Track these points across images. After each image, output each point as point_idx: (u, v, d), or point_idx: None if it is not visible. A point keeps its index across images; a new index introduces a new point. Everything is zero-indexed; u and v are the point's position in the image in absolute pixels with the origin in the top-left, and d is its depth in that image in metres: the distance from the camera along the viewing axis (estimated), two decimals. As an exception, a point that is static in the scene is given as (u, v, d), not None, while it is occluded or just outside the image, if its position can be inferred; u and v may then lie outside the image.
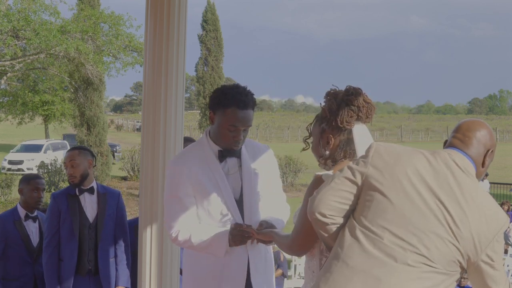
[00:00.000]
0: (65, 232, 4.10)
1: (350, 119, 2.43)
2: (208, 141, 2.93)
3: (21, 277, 4.32)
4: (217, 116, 2.86)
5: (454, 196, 2.09)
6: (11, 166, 24.66)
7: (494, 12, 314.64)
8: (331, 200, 2.14)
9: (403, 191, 2.09)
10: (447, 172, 2.13)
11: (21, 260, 4.32)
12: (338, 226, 2.16)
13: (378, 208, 2.09)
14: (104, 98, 25.14)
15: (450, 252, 2.05)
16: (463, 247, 2.06)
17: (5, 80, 22.39)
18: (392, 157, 2.15)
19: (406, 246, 2.04)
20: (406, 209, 2.07)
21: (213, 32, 27.77)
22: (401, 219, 2.07)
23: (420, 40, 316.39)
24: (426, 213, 2.06)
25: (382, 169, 2.13)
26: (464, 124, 2.32)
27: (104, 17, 21.04)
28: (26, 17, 18.94)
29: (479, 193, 2.13)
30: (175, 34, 3.72)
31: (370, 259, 2.05)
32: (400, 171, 2.11)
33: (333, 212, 2.14)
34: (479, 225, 2.07)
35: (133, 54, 22.23)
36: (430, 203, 2.07)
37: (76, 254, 4.10)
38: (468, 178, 2.14)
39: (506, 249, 10.59)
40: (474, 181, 2.15)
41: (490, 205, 2.14)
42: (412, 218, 2.06)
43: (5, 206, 15.04)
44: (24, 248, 4.32)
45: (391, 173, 2.12)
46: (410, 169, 2.11)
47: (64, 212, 4.10)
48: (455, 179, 2.12)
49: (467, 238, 2.06)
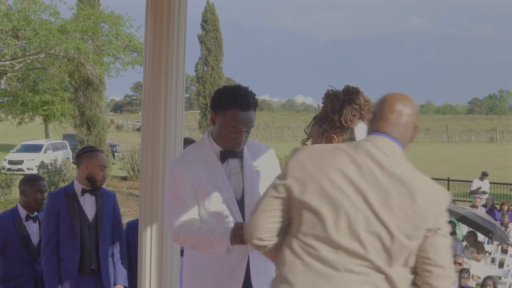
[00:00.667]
0: (65, 232, 4.09)
1: (353, 118, 2.45)
2: (210, 142, 2.92)
3: (21, 276, 4.33)
4: (218, 117, 2.84)
5: (381, 187, 2.03)
6: (11, 166, 24.62)
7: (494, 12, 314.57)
8: (264, 223, 2.14)
9: (328, 198, 2.04)
10: (371, 165, 2.06)
11: (21, 260, 4.33)
12: (276, 243, 2.17)
13: (308, 220, 2.07)
14: (104, 98, 25.12)
15: (390, 245, 2.01)
16: (402, 235, 2.01)
17: (5, 80, 22.37)
18: (314, 164, 2.10)
19: (343, 253, 2.02)
20: (333, 216, 2.03)
21: (213, 32, 27.76)
22: (331, 227, 2.03)
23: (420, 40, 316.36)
24: (355, 215, 2.02)
25: (304, 178, 2.09)
26: (386, 104, 2.18)
27: (104, 17, 21.03)
28: (26, 17, 18.94)
29: (410, 176, 2.07)
30: (175, 34, 3.72)
31: (313, 274, 2.03)
32: (322, 178, 2.06)
33: (269, 233, 2.15)
34: (414, 209, 2.02)
35: (133, 54, 22.23)
36: (358, 204, 2.02)
37: (79, 254, 4.10)
38: (396, 163, 2.08)
39: (506, 249, 10.58)
40: (403, 164, 2.09)
41: (425, 185, 2.08)
42: (341, 224, 2.02)
43: (5, 206, 15.03)
44: (24, 247, 4.33)
45: (313, 181, 2.07)
46: (333, 172, 2.06)
47: (64, 212, 4.09)
48: (382, 169, 2.06)
49: (404, 226, 2.01)
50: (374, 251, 2.02)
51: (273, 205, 2.14)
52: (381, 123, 2.15)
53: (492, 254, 10.70)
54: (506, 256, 10.37)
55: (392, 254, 2.03)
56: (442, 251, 2.08)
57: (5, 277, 4.34)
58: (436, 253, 2.07)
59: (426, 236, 2.05)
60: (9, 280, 4.33)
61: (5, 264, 4.33)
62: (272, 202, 2.14)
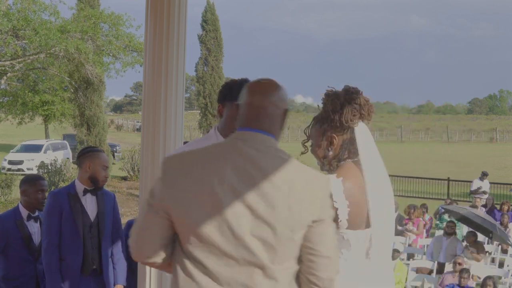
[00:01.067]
0: (68, 231, 4.08)
1: (353, 117, 2.46)
2: (216, 135, 2.96)
3: (22, 276, 4.34)
4: (226, 108, 2.93)
5: (259, 186, 1.95)
6: (11, 166, 24.61)
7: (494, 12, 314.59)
8: (147, 241, 2.05)
9: (206, 208, 1.95)
10: (245, 164, 1.98)
11: (22, 260, 4.33)
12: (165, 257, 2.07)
13: (189, 233, 1.97)
14: (104, 98, 25.16)
15: (275, 243, 1.95)
16: (287, 231, 1.95)
17: (5, 80, 22.38)
18: (186, 171, 2.00)
19: (233, 262, 1.94)
20: (216, 226, 1.94)
21: (213, 32, 27.78)
22: (213, 238, 1.94)
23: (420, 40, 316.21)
24: (237, 221, 1.93)
25: (178, 191, 1.98)
26: (248, 96, 2.10)
27: (104, 17, 21.04)
28: (26, 17, 18.94)
29: (287, 169, 2.00)
30: (175, 34, 3.72)
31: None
32: (197, 187, 1.97)
33: (156, 249, 2.05)
34: (294, 202, 1.95)
35: (133, 54, 22.23)
36: (238, 208, 1.93)
37: (82, 254, 4.09)
38: (270, 158, 2.00)
39: (506, 249, 10.58)
40: (277, 157, 2.02)
41: (302, 176, 2.01)
42: (224, 233, 1.93)
43: (5, 206, 15.02)
44: (26, 247, 4.34)
45: (189, 192, 1.97)
46: (207, 179, 1.97)
47: (67, 211, 4.08)
48: (256, 167, 1.97)
49: (288, 221, 1.95)
50: (261, 252, 1.95)
51: (151, 222, 2.03)
52: (247, 117, 2.08)
53: (492, 254, 10.70)
54: (506, 256, 10.36)
55: (278, 251, 1.96)
56: (327, 241, 2.03)
57: (6, 277, 4.34)
58: (320, 243, 2.01)
59: (310, 226, 2.00)
60: (10, 280, 4.33)
61: (7, 264, 4.34)
62: (149, 219, 2.03)
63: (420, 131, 65.86)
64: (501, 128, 65.51)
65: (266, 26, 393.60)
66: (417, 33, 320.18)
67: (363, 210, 2.42)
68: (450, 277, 8.22)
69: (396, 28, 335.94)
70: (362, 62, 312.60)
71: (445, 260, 9.56)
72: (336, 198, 2.36)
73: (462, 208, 10.42)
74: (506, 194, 18.49)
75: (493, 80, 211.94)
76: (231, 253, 1.95)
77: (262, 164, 1.98)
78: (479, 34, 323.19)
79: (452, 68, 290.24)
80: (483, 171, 16.70)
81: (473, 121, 77.62)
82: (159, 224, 2.02)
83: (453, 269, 8.33)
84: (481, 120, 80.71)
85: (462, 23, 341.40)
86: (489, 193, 16.26)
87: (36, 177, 4.55)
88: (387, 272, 2.52)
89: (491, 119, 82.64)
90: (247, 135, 2.05)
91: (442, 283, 8.24)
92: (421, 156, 37.64)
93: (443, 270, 8.96)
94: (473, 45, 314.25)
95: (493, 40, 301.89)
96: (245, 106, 2.10)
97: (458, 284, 7.89)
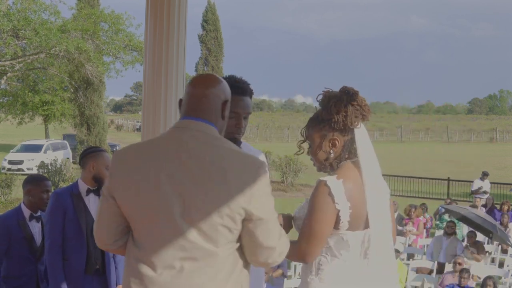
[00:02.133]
0: (71, 231, 4.07)
1: (356, 119, 2.47)
2: None
3: (23, 276, 4.34)
4: None
5: (194, 175, 2.02)
6: (11, 166, 24.61)
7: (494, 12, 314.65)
8: (104, 228, 2.19)
9: (142, 192, 2.06)
10: (181, 153, 2.05)
11: (23, 259, 4.34)
12: (122, 243, 2.21)
13: (131, 218, 2.11)
14: (104, 98, 25.17)
15: (212, 230, 2.01)
16: (219, 217, 2.00)
17: (5, 80, 22.37)
18: (128, 160, 2.13)
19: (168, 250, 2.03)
20: (149, 210, 2.05)
21: (213, 32, 27.79)
22: (149, 223, 2.06)
23: (420, 40, 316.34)
24: (168, 207, 2.02)
25: (123, 184, 2.11)
26: (190, 88, 2.20)
27: (104, 16, 21.03)
28: (26, 17, 18.93)
29: (223, 156, 2.05)
30: (175, 34, 3.72)
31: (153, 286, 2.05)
32: (135, 172, 2.09)
33: (112, 235, 2.19)
34: (226, 188, 2.01)
35: (133, 53, 22.22)
36: (170, 194, 2.02)
37: (85, 253, 4.09)
38: (208, 146, 2.07)
39: (506, 249, 10.57)
40: (212, 145, 2.08)
41: (237, 163, 2.05)
42: (161, 218, 2.03)
43: (5, 206, 15.01)
44: (28, 247, 4.34)
45: (133, 185, 2.08)
46: (146, 165, 2.07)
47: (70, 211, 4.07)
48: (194, 156, 2.04)
49: (222, 209, 2.00)
50: (196, 238, 2.02)
51: (106, 210, 2.17)
52: (188, 106, 2.17)
53: (492, 254, 10.69)
54: (506, 256, 10.35)
55: (212, 237, 2.02)
56: (263, 229, 2.05)
57: (8, 276, 4.34)
58: (257, 232, 2.05)
59: (244, 214, 2.03)
60: (12, 279, 4.33)
61: (8, 264, 4.34)
62: (104, 207, 2.17)
63: (420, 131, 65.83)
64: (501, 128, 65.47)
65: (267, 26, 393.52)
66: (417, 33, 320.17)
67: (362, 211, 2.43)
68: (450, 277, 8.22)
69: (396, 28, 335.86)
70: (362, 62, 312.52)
71: (445, 260, 9.56)
72: (338, 200, 2.36)
73: (463, 208, 10.41)
74: (506, 194, 18.48)
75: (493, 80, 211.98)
76: (165, 238, 2.03)
77: (197, 152, 2.06)
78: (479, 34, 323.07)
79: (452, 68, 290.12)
80: (483, 171, 16.69)
81: (473, 121, 77.62)
82: (111, 211, 2.15)
83: (453, 269, 8.32)
84: (481, 120, 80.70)
85: (462, 23, 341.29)
86: (489, 193, 16.26)
87: (41, 178, 4.56)
88: (387, 272, 2.52)
89: (491, 119, 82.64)
90: (186, 123, 2.13)
91: (442, 283, 8.23)
92: (421, 156, 37.62)
93: (443, 270, 8.96)
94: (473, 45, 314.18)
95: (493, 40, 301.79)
96: (186, 96, 2.19)
97: (458, 284, 7.88)
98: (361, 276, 2.46)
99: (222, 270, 2.06)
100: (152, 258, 2.06)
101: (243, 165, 2.06)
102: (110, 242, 2.20)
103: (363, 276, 2.46)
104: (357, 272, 2.46)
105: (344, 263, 2.44)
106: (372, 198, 2.43)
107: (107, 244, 2.22)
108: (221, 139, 2.12)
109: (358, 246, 2.45)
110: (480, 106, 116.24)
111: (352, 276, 2.45)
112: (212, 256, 2.04)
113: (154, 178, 2.04)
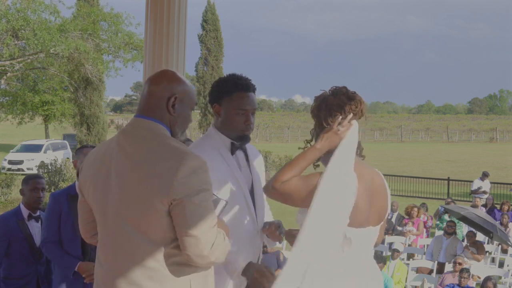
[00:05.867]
0: (67, 232, 4.07)
1: (354, 117, 2.53)
2: (218, 134, 2.87)
3: (24, 276, 4.34)
4: (224, 105, 2.81)
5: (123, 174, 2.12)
6: (11, 166, 24.60)
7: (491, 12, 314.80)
8: (82, 223, 2.38)
9: (93, 190, 2.22)
10: (117, 152, 2.16)
11: (24, 259, 4.33)
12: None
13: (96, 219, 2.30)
14: (104, 98, 25.13)
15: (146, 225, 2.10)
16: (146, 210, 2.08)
17: (5, 80, 22.35)
18: (90, 162, 2.28)
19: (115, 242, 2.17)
20: (96, 206, 2.23)
21: (213, 32, 27.78)
22: (99, 219, 2.24)
23: (417, 40, 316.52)
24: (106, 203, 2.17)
25: (86, 182, 2.27)
26: (145, 85, 2.27)
27: (104, 15, 21.01)
28: (25, 17, 18.91)
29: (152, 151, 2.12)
30: (175, 34, 3.72)
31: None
32: (91, 171, 2.24)
33: (90, 231, 2.37)
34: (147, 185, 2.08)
35: (133, 52, 22.19)
36: (107, 191, 2.16)
37: (80, 253, 4.08)
38: (141, 142, 2.14)
39: (506, 249, 10.58)
40: (149, 141, 2.14)
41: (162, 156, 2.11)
42: (105, 213, 2.18)
43: (5, 206, 15.01)
44: (27, 247, 4.34)
45: (87, 176, 2.26)
46: (97, 165, 2.22)
47: (66, 212, 4.07)
48: (127, 155, 2.14)
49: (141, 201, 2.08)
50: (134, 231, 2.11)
51: (80, 207, 2.37)
52: (139, 104, 2.26)
53: (492, 254, 10.69)
54: (506, 256, 10.35)
55: (147, 232, 2.10)
56: (187, 219, 2.07)
57: (8, 277, 4.34)
58: (182, 222, 2.07)
59: (169, 206, 2.07)
60: (12, 280, 4.33)
61: (8, 264, 4.34)
62: (79, 204, 2.37)
63: (420, 131, 65.81)
64: (501, 128, 65.45)
65: (266, 27, 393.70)
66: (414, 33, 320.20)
67: (365, 208, 2.44)
68: (450, 277, 8.22)
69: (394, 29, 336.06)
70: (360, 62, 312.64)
71: (445, 260, 9.56)
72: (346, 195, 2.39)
73: (463, 208, 10.41)
74: (506, 194, 18.47)
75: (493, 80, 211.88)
76: (108, 233, 2.19)
77: (129, 149, 2.15)
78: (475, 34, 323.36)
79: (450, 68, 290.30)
80: (484, 171, 16.68)
81: (473, 121, 77.58)
82: (82, 207, 2.35)
83: (453, 269, 8.32)
84: (481, 120, 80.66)
85: (459, 24, 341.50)
86: (489, 193, 16.25)
87: (32, 176, 4.55)
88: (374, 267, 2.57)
89: (491, 119, 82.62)
90: (131, 122, 2.23)
91: (442, 283, 8.24)
92: (421, 156, 37.61)
93: (443, 270, 8.96)
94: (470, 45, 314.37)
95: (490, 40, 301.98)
96: (140, 95, 2.29)
97: (458, 284, 7.88)
98: (362, 272, 2.49)
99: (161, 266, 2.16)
100: (99, 253, 2.26)
101: (170, 159, 2.09)
102: (89, 236, 2.39)
103: (364, 272, 2.49)
104: (359, 268, 2.48)
105: (345, 260, 2.47)
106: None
107: (87, 238, 2.41)
108: (160, 137, 2.16)
109: (360, 242, 2.48)
110: (480, 106, 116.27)
111: (354, 272, 2.47)
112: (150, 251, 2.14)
113: (99, 176, 2.19)
